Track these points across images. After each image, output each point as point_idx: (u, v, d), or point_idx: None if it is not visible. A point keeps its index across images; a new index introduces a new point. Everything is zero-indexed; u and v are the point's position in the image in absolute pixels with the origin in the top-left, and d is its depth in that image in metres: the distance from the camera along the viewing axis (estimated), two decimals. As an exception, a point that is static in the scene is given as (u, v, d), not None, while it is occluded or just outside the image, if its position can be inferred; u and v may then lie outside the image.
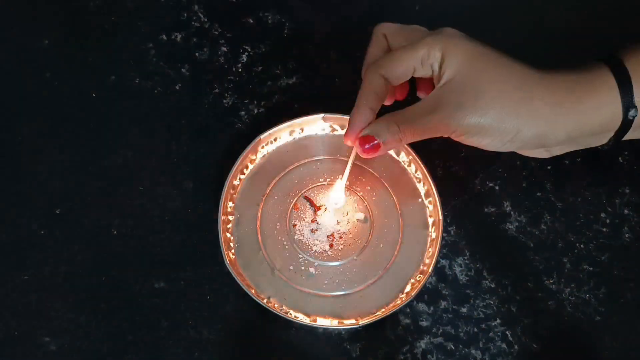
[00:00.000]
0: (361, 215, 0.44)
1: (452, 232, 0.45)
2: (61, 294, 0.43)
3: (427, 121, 0.36)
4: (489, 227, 0.45)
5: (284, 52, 0.51)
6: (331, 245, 0.43)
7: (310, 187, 0.45)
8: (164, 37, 0.51)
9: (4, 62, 0.50)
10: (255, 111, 0.49)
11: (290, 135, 0.47)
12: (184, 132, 0.48)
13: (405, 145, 0.44)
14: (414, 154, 0.44)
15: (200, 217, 0.45)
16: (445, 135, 0.37)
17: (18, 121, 0.48)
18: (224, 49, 0.51)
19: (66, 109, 0.49)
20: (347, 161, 0.41)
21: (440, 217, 0.42)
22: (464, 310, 0.43)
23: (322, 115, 0.46)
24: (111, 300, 0.43)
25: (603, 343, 0.42)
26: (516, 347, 0.42)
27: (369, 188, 0.45)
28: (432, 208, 0.44)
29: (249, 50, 0.51)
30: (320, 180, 0.45)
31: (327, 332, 0.42)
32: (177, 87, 0.50)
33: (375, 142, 0.37)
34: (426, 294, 0.43)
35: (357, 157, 0.39)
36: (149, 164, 0.47)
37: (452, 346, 0.42)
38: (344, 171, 0.41)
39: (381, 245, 0.44)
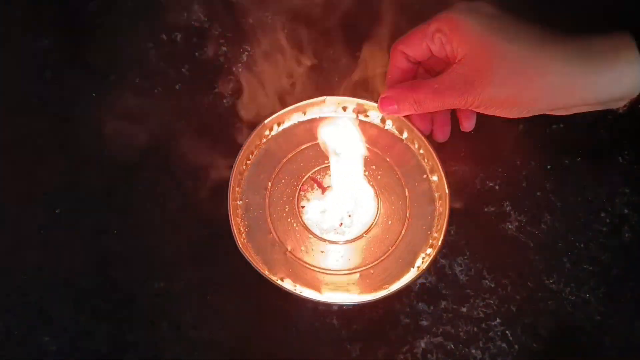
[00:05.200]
0: (368, 194, 0.45)
1: (452, 232, 0.45)
2: (61, 294, 0.43)
3: (444, 96, 0.38)
4: (489, 227, 0.45)
5: (284, 52, 0.51)
6: (340, 225, 0.44)
7: (316, 168, 0.46)
8: (164, 37, 0.51)
9: (4, 62, 0.50)
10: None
11: (294, 119, 0.47)
12: (184, 132, 0.48)
13: (408, 123, 0.45)
14: (416, 132, 0.45)
15: (200, 217, 0.45)
16: (464, 108, 0.39)
17: (18, 121, 0.48)
18: (224, 49, 0.51)
19: (66, 109, 0.49)
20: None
21: (447, 191, 0.42)
22: (464, 310, 0.43)
23: (324, 98, 0.46)
24: (111, 300, 0.43)
25: (603, 343, 0.42)
26: (516, 347, 0.42)
27: (374, 167, 0.46)
28: (438, 183, 0.44)
29: (249, 50, 0.51)
30: (326, 161, 0.45)
31: (326, 333, 0.42)
32: (177, 87, 0.50)
33: (394, 107, 0.40)
34: (426, 293, 0.43)
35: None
36: (149, 163, 0.47)
37: (452, 346, 0.42)
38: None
39: (389, 222, 0.44)
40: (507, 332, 0.43)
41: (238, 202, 0.44)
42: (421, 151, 0.45)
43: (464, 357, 0.42)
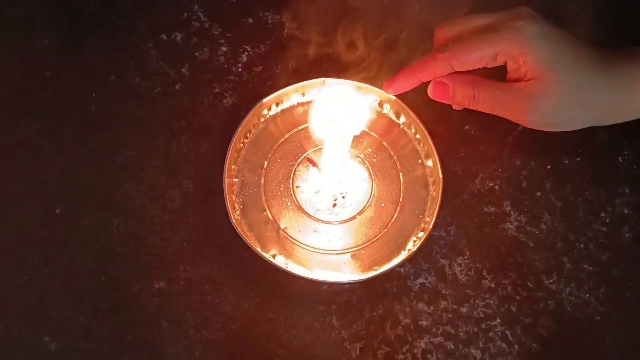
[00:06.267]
0: (363, 176, 0.45)
1: (452, 232, 0.45)
2: (61, 294, 0.43)
3: (503, 104, 0.39)
4: (489, 227, 0.45)
5: (284, 52, 0.51)
6: (334, 205, 0.44)
7: (312, 149, 0.46)
8: (164, 37, 0.51)
9: (4, 62, 0.50)
10: (255, 111, 0.49)
11: (292, 99, 0.47)
12: (184, 132, 0.48)
13: (406, 107, 0.45)
14: (414, 116, 0.45)
15: (200, 217, 0.45)
16: (514, 121, 0.40)
17: (18, 121, 0.48)
18: (224, 49, 0.51)
19: (66, 109, 0.49)
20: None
21: (440, 176, 0.43)
22: (464, 310, 0.43)
23: (323, 79, 0.46)
24: (111, 300, 0.43)
25: (603, 343, 0.42)
26: (516, 347, 0.42)
27: (370, 150, 0.46)
28: (432, 168, 0.44)
29: (249, 50, 0.51)
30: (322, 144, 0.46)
31: (326, 333, 0.42)
32: (177, 87, 0.50)
33: (448, 93, 0.40)
34: (426, 293, 0.43)
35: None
36: (149, 164, 0.47)
37: (452, 346, 0.42)
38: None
39: (383, 205, 0.45)
40: (507, 332, 0.43)
41: (234, 179, 0.45)
42: (417, 136, 0.46)
43: (464, 357, 0.42)
